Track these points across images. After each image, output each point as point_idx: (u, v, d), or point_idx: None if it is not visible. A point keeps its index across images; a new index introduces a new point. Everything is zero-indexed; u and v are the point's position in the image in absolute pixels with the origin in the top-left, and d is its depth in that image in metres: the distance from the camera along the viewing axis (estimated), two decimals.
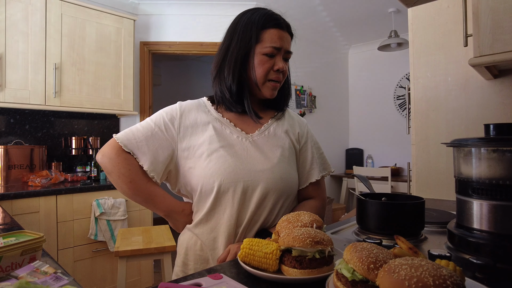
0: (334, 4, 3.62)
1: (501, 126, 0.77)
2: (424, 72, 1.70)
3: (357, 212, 0.96)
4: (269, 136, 0.97)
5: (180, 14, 3.42)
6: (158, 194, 0.92)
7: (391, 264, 0.47)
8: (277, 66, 0.91)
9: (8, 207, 2.03)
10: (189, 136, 0.92)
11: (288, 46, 0.93)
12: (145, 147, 0.90)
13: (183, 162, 0.92)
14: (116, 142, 0.90)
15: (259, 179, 0.89)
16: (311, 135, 1.08)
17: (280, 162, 0.93)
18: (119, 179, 0.89)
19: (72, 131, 2.92)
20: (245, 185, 0.88)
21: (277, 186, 0.90)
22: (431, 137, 1.67)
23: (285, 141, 0.98)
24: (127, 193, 0.91)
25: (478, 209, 0.74)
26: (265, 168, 0.90)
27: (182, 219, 0.95)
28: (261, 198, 0.89)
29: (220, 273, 0.65)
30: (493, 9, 0.97)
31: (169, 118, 0.93)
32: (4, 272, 0.67)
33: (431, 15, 1.67)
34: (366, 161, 5.01)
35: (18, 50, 2.35)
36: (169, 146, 0.91)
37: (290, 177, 0.94)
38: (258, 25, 0.91)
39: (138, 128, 0.92)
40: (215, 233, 0.90)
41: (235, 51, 0.91)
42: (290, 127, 1.03)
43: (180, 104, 0.97)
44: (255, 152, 0.92)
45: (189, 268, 0.93)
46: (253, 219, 0.90)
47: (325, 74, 4.85)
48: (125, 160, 0.89)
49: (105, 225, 2.39)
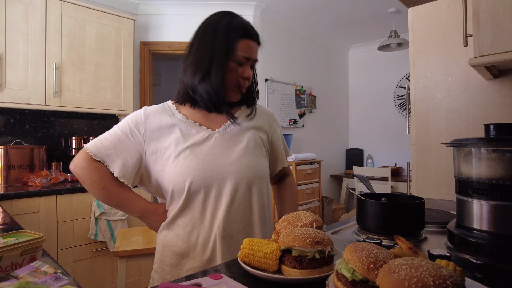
0: (334, 4, 3.63)
1: (501, 126, 0.77)
2: (424, 72, 1.70)
3: (357, 212, 0.96)
4: (234, 129, 1.00)
5: (180, 14, 3.42)
6: (130, 197, 0.96)
7: (391, 264, 0.47)
8: (246, 74, 0.97)
9: (8, 207, 2.03)
10: (156, 140, 0.95)
11: (255, 56, 0.99)
12: (114, 155, 0.94)
13: (152, 166, 0.96)
14: (86, 152, 0.94)
15: (227, 172, 0.93)
16: (277, 124, 1.15)
17: (246, 152, 0.97)
18: (92, 186, 0.94)
19: (72, 131, 2.92)
20: (216, 180, 0.92)
21: (246, 175, 0.94)
22: (431, 137, 1.67)
23: (250, 132, 1.02)
24: (101, 199, 0.95)
25: (478, 209, 0.74)
26: (232, 161, 0.94)
27: (156, 219, 0.98)
28: (233, 189, 0.93)
29: (220, 273, 0.65)
30: (493, 9, 0.97)
31: (134, 124, 0.96)
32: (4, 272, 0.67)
33: (431, 15, 1.67)
34: (366, 161, 5.01)
35: (18, 50, 2.35)
36: (137, 151, 0.95)
37: (257, 164, 0.98)
38: (236, 34, 0.95)
39: (106, 137, 0.96)
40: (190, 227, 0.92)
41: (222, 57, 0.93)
42: (256, 118, 1.07)
43: (145, 109, 1.00)
44: (221, 147, 0.96)
45: (166, 264, 0.95)
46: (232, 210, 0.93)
47: (325, 74, 4.85)
48: (96, 169, 0.93)
49: (105, 225, 2.39)
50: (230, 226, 0.92)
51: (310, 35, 4.48)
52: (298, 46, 4.37)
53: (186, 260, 0.93)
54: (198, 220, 0.92)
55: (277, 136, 1.13)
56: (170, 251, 0.94)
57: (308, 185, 3.77)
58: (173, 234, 0.94)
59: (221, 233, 0.91)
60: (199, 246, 0.92)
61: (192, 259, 0.92)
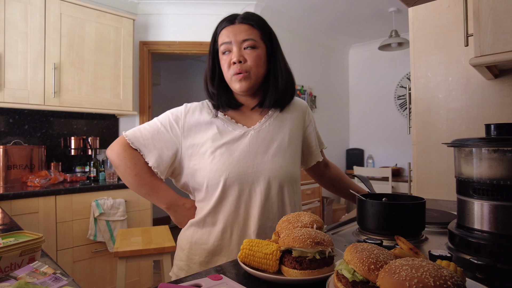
0: (334, 3, 3.62)
1: (502, 126, 0.76)
2: (424, 72, 1.70)
3: (357, 212, 0.96)
4: (270, 127, 1.00)
5: (179, 13, 3.41)
6: (161, 187, 0.98)
7: (392, 264, 0.46)
8: (232, 58, 0.93)
9: (7, 208, 2.03)
10: (193, 135, 0.97)
11: (241, 35, 0.93)
12: (151, 145, 0.96)
13: (187, 160, 0.97)
14: (124, 138, 0.97)
15: (261, 170, 0.93)
16: (311, 118, 1.12)
17: (280, 151, 0.97)
18: (125, 172, 0.96)
19: (71, 131, 2.92)
20: (250, 177, 0.92)
21: (278, 174, 0.94)
22: (431, 137, 1.67)
23: (286, 129, 1.01)
24: (133, 185, 0.97)
25: (479, 209, 0.74)
26: (266, 159, 0.94)
27: (183, 213, 1.00)
28: (267, 187, 0.93)
29: (220, 273, 0.64)
30: (493, 9, 0.97)
31: (174, 118, 0.99)
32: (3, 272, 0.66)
33: (432, 15, 1.66)
34: (367, 161, 5.01)
35: (17, 50, 2.34)
36: (174, 144, 0.97)
37: (289, 164, 0.98)
38: (215, 33, 0.99)
39: (145, 127, 0.99)
40: (223, 225, 0.93)
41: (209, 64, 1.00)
42: (291, 113, 1.05)
43: (186, 105, 1.03)
44: (256, 144, 0.96)
45: (194, 262, 0.95)
46: (266, 208, 0.93)
47: (325, 74, 4.85)
48: (132, 155, 0.96)
49: (104, 226, 2.39)
50: (264, 224, 0.93)
51: (310, 35, 4.48)
52: (298, 45, 4.37)
53: (218, 257, 0.94)
54: (231, 217, 0.93)
55: (311, 131, 1.11)
56: (200, 248, 0.95)
57: (309, 185, 3.77)
58: (204, 231, 0.95)
59: (256, 230, 0.92)
60: (233, 243, 0.93)
61: (225, 257, 0.93)
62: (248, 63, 0.93)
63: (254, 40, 0.94)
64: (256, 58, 0.94)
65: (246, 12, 0.98)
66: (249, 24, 0.95)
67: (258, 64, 0.94)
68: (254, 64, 0.94)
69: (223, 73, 0.97)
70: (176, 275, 0.99)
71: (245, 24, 0.95)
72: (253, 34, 0.94)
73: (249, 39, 0.93)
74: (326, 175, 1.24)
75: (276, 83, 0.99)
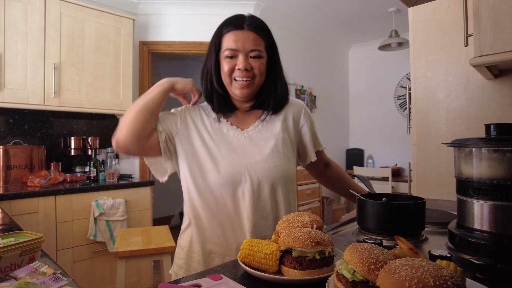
0: (334, 3, 3.62)
1: (502, 126, 0.76)
2: (424, 72, 1.70)
3: (357, 212, 0.96)
4: (263, 129, 1.02)
5: (179, 13, 3.41)
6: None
7: (392, 264, 0.46)
8: (238, 65, 0.94)
9: (7, 208, 2.03)
10: (189, 130, 1.00)
11: (249, 45, 0.94)
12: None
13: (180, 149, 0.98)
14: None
15: (254, 169, 0.95)
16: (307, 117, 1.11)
17: (273, 151, 0.98)
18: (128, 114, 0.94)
19: (71, 131, 2.92)
20: (243, 177, 0.94)
21: (271, 174, 0.96)
22: (431, 137, 1.67)
23: (279, 130, 1.02)
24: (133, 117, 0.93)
25: (478, 209, 0.74)
26: (259, 159, 0.96)
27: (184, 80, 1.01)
28: (259, 186, 0.95)
29: (220, 273, 0.64)
30: (493, 9, 0.97)
31: (174, 111, 1.04)
32: (3, 272, 0.66)
33: (432, 15, 1.66)
34: (367, 161, 5.01)
35: (17, 50, 2.34)
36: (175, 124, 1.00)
37: (284, 164, 0.99)
38: (218, 34, 0.98)
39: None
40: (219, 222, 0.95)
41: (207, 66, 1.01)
42: (286, 113, 1.06)
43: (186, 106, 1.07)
44: (249, 146, 0.99)
45: (193, 260, 0.98)
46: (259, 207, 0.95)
47: (325, 73, 4.85)
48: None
49: (104, 226, 2.39)
50: (258, 222, 0.95)
51: (310, 35, 4.47)
52: (298, 45, 4.37)
53: (215, 255, 0.96)
54: (226, 215, 0.95)
55: (305, 131, 1.10)
56: (198, 247, 0.97)
57: (309, 185, 3.77)
58: (202, 230, 0.97)
59: (250, 228, 0.94)
60: (229, 241, 0.95)
61: (223, 254, 0.96)
62: (253, 71, 0.96)
63: (261, 50, 0.96)
64: (260, 67, 0.96)
65: (252, 17, 0.98)
66: (258, 34, 0.96)
67: (261, 73, 0.97)
68: (258, 73, 0.96)
69: (222, 74, 0.98)
70: (175, 273, 1.01)
71: (254, 32, 0.95)
72: (260, 44, 0.96)
73: (256, 49, 0.95)
74: (326, 175, 1.25)
75: (276, 91, 1.02)
